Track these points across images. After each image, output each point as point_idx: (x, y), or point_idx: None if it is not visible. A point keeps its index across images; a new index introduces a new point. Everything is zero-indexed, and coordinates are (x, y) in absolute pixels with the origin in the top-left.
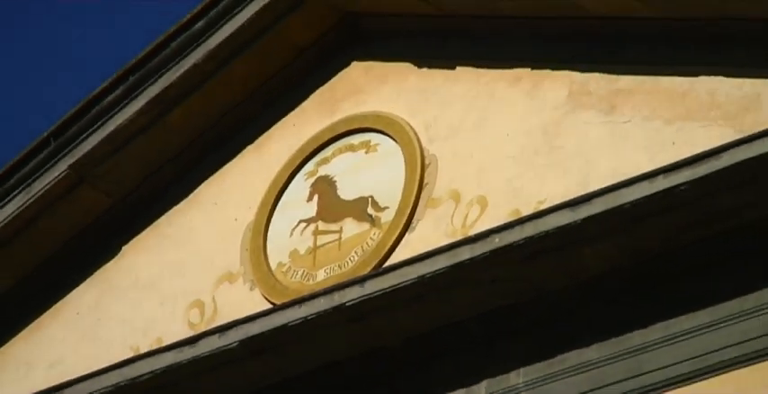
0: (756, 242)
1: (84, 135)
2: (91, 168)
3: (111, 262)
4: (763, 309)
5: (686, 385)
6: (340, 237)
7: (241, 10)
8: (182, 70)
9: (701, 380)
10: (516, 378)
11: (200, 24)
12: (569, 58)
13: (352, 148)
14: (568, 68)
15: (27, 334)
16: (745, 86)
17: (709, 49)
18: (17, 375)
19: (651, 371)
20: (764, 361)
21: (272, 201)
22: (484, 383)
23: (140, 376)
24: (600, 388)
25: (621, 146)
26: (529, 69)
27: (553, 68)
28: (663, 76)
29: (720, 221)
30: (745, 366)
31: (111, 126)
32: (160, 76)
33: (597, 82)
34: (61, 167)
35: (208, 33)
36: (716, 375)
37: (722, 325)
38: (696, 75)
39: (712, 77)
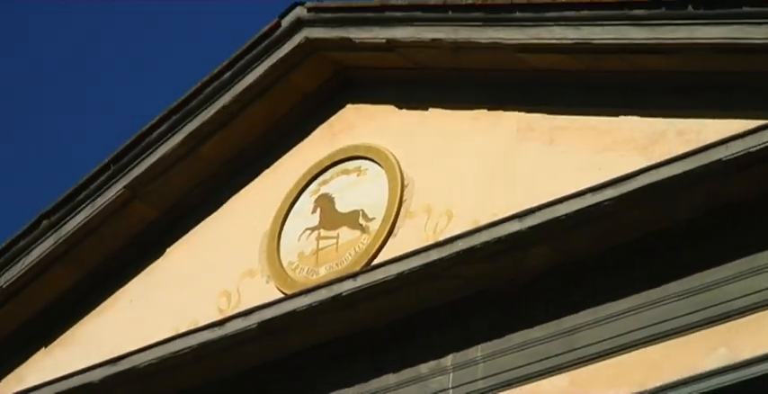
0: (662, 246)
1: (136, 162)
2: (141, 187)
3: (158, 260)
4: (668, 299)
5: (609, 358)
6: (337, 242)
7: (260, 64)
8: (213, 111)
9: (621, 355)
10: (475, 352)
11: (227, 75)
12: (518, 102)
13: (346, 172)
14: (517, 110)
15: (91, 316)
16: (655, 124)
17: (626, 95)
18: (84, 349)
19: (582, 347)
20: (670, 339)
21: (284, 213)
22: (450, 356)
23: (180, 350)
24: (541, 360)
25: (559, 170)
26: (486, 110)
27: (505, 110)
28: (590, 116)
29: (634, 230)
30: (655, 343)
31: (158, 155)
32: (196, 116)
33: (539, 120)
34: (118, 187)
35: (233, 82)
36: (632, 350)
37: (637, 311)
38: (617, 115)
39: (629, 117)
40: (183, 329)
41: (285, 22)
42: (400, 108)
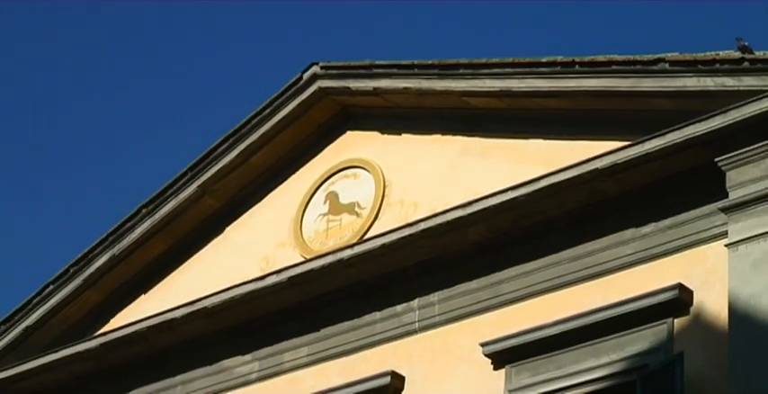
0: (559, 226)
1: (206, 169)
2: (209, 187)
3: (219, 236)
4: (564, 262)
5: (524, 301)
6: (341, 223)
7: (288, 103)
8: (257, 135)
9: (531, 299)
10: (434, 297)
11: (267, 111)
12: (461, 129)
13: (346, 177)
14: (461, 135)
15: (175, 274)
16: (554, 144)
17: (535, 124)
18: (171, 296)
19: (505, 294)
20: (565, 289)
21: (305, 203)
22: (416, 300)
23: (234, 296)
24: (477, 303)
25: (489, 176)
26: (440, 135)
27: (453, 135)
28: (511, 139)
29: (540, 215)
30: (554, 291)
31: (220, 164)
32: (246, 138)
33: (476, 142)
34: (193, 186)
35: (271, 115)
36: (539, 296)
37: (542, 270)
38: (528, 138)
39: (537, 140)
40: (236, 282)
41: (305, 76)
42: (383, 134)
